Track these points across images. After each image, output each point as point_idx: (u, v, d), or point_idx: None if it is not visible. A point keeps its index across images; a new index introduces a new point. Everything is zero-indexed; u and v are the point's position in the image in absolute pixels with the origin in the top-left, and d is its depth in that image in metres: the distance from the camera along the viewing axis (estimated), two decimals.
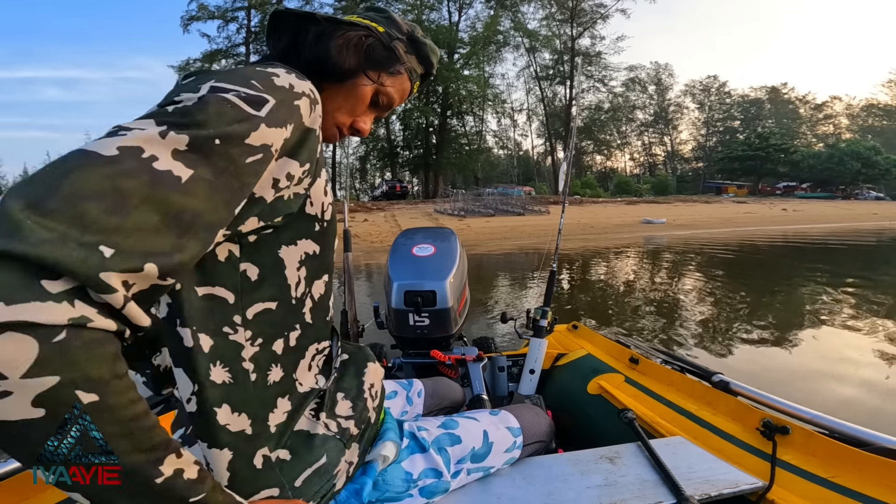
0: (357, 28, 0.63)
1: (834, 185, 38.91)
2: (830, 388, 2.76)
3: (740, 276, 7.22)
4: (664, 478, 0.80)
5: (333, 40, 0.60)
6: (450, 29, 30.28)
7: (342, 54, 0.60)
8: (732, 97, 52.42)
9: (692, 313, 4.77)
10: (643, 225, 17.86)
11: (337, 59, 0.60)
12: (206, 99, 0.42)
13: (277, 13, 0.62)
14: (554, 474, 0.82)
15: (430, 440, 0.73)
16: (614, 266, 8.76)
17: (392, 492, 0.65)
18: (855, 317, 4.40)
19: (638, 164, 53.94)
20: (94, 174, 0.34)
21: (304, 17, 0.61)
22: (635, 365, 1.34)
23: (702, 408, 1.09)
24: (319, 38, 0.60)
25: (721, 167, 43.95)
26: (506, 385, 1.39)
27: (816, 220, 20.24)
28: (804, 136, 52.52)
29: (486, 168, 36.34)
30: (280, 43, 0.61)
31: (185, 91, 0.43)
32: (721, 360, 3.35)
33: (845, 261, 8.79)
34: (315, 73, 0.58)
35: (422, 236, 1.63)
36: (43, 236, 0.31)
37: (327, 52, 0.59)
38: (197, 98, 0.42)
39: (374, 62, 0.63)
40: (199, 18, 28.32)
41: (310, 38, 0.60)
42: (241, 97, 0.43)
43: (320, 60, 0.60)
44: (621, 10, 37.56)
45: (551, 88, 38.59)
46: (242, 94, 0.44)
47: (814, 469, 0.82)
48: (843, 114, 54.47)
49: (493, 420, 0.85)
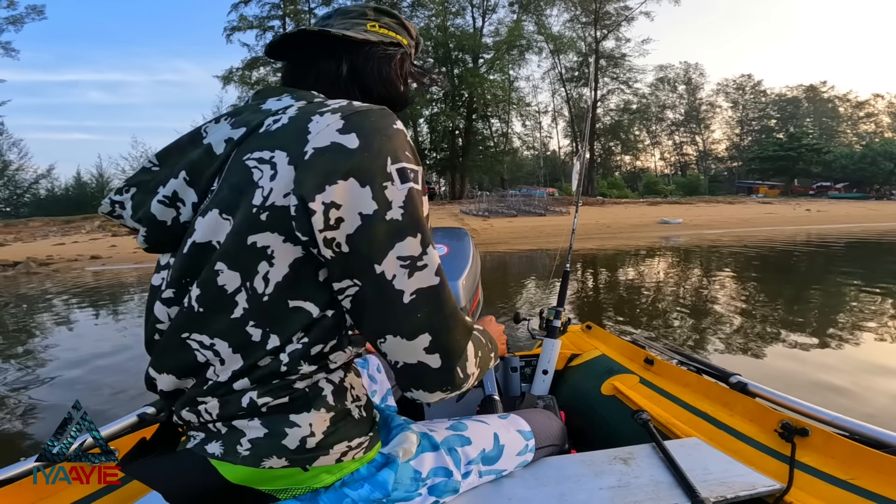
0: (394, 46, 0.66)
1: (869, 186, 37.07)
2: (820, 377, 2.80)
3: (713, 273, 7.73)
4: (679, 479, 0.77)
5: (391, 69, 0.65)
6: (474, 35, 30.22)
7: (397, 84, 0.66)
8: (768, 96, 50.49)
9: (671, 304, 5.21)
10: (659, 225, 17.75)
11: (398, 91, 0.67)
12: (412, 195, 0.50)
13: (308, 33, 0.61)
14: (566, 475, 0.80)
15: (440, 440, 0.71)
16: (613, 263, 9.26)
17: (401, 490, 0.63)
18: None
19: (669, 164, 52.53)
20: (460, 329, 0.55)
21: (343, 39, 0.61)
22: (650, 366, 1.31)
23: (718, 409, 1.05)
24: (380, 66, 0.64)
25: (752, 167, 42.50)
26: (518, 385, 1.37)
27: (838, 220, 19.60)
28: (844, 135, 50.09)
29: (512, 169, 36.14)
30: (324, 64, 0.62)
31: (387, 177, 0.49)
32: (702, 349, 3.45)
33: (834, 261, 8.93)
34: (383, 102, 0.62)
35: (436, 236, 1.62)
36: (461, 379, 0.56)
37: (392, 87, 0.66)
38: (405, 196, 0.49)
39: (406, 76, 0.68)
40: (239, 29, 29.39)
41: (373, 67, 0.64)
42: (418, 178, 0.52)
43: (390, 96, 0.66)
44: (645, 13, 35.82)
45: (576, 90, 38.00)
46: (417, 176, 0.52)
47: (833, 471, 0.79)
48: (884, 112, 51.58)
49: (503, 423, 0.82)
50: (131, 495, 0.80)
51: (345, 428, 0.57)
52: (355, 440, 0.58)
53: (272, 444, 0.53)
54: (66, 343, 4.47)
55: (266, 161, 0.49)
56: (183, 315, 0.53)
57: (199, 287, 0.51)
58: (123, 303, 6.71)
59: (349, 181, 0.47)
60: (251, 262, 0.50)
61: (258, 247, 0.49)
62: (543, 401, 1.26)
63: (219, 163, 0.53)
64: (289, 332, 0.52)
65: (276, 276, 0.50)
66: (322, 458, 0.55)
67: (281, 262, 0.50)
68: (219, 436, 0.55)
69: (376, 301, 0.50)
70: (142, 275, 9.50)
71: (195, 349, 0.53)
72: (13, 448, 2.36)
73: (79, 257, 12.70)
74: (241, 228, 0.49)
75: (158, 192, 0.56)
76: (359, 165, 0.48)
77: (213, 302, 0.51)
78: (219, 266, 0.50)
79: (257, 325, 0.51)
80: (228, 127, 0.54)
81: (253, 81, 29.59)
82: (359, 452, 0.59)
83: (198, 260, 0.52)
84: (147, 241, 0.58)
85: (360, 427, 0.59)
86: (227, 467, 0.53)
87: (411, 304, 0.50)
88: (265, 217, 0.49)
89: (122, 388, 3.04)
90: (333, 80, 0.62)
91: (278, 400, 0.53)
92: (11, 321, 5.75)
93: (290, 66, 0.65)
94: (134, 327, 4.90)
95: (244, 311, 0.51)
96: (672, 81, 45.84)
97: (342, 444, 0.56)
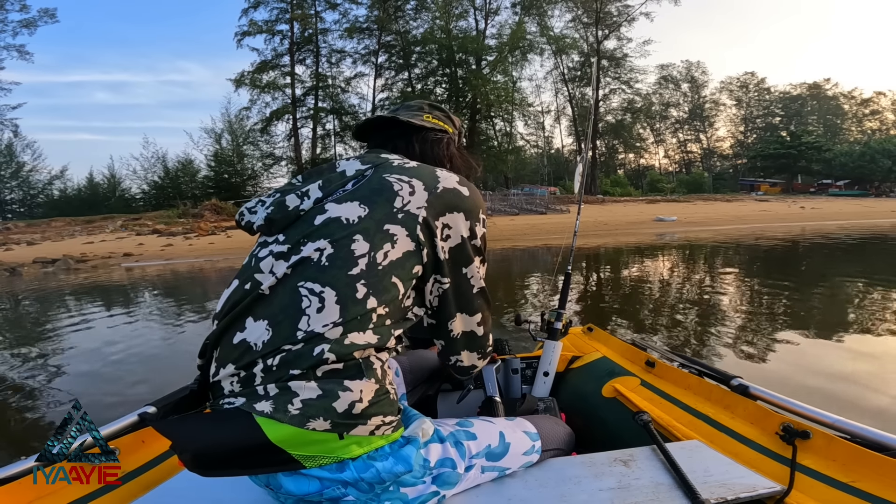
0: (442, 133, 0.88)
1: (868, 183, 36.78)
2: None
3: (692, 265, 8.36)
4: (679, 481, 0.76)
5: (440, 149, 0.88)
6: (477, 37, 30.13)
7: (443, 160, 0.87)
8: (772, 93, 50.01)
9: (647, 297, 5.63)
10: (654, 223, 17.90)
11: (443, 165, 0.85)
12: (485, 233, 0.78)
13: (391, 120, 0.85)
14: (567, 476, 0.80)
15: (446, 434, 0.73)
16: (603, 259, 9.88)
17: (409, 475, 0.66)
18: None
19: (673, 162, 52.21)
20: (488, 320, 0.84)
21: (407, 124, 0.85)
22: (651, 368, 1.30)
23: (719, 412, 1.04)
24: (433, 147, 0.87)
25: (753, 165, 42.22)
26: (519, 387, 1.35)
27: (830, 217, 19.80)
28: (849, 133, 49.52)
29: (516, 167, 35.95)
30: (398, 141, 0.85)
31: (477, 227, 0.77)
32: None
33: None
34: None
35: None
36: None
37: (439, 163, 0.85)
38: (483, 233, 0.78)
39: (451, 156, 0.90)
40: (249, 34, 29.62)
41: (429, 147, 0.86)
42: (486, 223, 0.79)
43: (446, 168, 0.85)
44: (645, 14, 35.40)
45: (579, 89, 37.81)
46: (485, 221, 0.79)
47: (834, 474, 0.78)
48: (889, 109, 50.88)
49: (509, 423, 0.84)
50: (131, 495, 0.80)
51: (384, 403, 0.64)
52: (388, 417, 0.65)
53: (323, 405, 0.60)
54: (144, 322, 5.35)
55: (405, 182, 0.71)
56: (301, 267, 0.66)
57: (332, 246, 0.66)
58: (180, 290, 7.74)
59: (460, 214, 0.74)
60: (381, 240, 0.67)
61: (390, 233, 0.68)
62: (544, 402, 1.25)
63: (347, 179, 0.74)
64: (383, 299, 0.66)
65: (392, 256, 0.68)
66: (360, 427, 0.62)
67: (399, 248, 0.68)
68: (268, 396, 0.60)
69: (457, 291, 0.77)
70: (173, 269, 10.69)
71: (304, 295, 0.64)
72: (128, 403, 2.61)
73: (112, 254, 13.34)
74: (381, 217, 0.68)
75: (297, 191, 0.73)
76: (467, 207, 0.74)
77: (340, 260, 0.65)
78: (356, 237, 0.67)
79: (365, 285, 0.65)
80: (358, 162, 0.77)
81: (263, 84, 29.73)
82: (388, 430, 0.65)
83: (325, 227, 0.68)
84: (266, 219, 0.73)
85: (393, 407, 0.66)
86: (272, 425, 0.58)
87: (476, 294, 0.79)
88: (401, 217, 0.69)
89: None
90: (403, 153, 0.83)
91: (339, 364, 0.62)
92: (92, 307, 6.38)
93: (375, 141, 0.88)
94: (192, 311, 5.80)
95: (361, 271, 0.65)
96: (675, 79, 45.50)
97: (378, 417, 0.63)
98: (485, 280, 0.80)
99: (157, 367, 3.59)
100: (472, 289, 0.78)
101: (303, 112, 31.87)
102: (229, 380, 0.64)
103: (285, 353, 0.62)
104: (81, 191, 33.45)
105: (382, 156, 0.78)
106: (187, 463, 0.60)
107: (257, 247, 0.74)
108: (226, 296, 0.70)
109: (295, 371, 0.61)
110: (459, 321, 0.79)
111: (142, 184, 32.76)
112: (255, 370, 0.62)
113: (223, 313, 0.69)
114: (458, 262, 0.74)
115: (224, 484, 0.80)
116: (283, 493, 0.65)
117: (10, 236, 17.43)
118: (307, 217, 0.71)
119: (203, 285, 8.77)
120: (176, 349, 4.11)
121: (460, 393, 1.24)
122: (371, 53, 32.09)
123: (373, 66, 32.52)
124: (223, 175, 31.79)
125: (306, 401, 0.59)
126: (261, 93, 30.26)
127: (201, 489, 0.79)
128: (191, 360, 0.94)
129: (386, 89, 32.82)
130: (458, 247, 0.74)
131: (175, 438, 0.60)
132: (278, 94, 30.83)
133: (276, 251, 0.69)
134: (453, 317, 0.78)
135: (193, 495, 0.79)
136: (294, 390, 0.60)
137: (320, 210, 0.71)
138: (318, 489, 0.63)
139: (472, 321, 0.80)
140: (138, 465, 0.90)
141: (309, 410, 0.59)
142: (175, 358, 3.83)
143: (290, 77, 30.64)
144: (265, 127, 31.52)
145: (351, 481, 0.63)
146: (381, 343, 0.66)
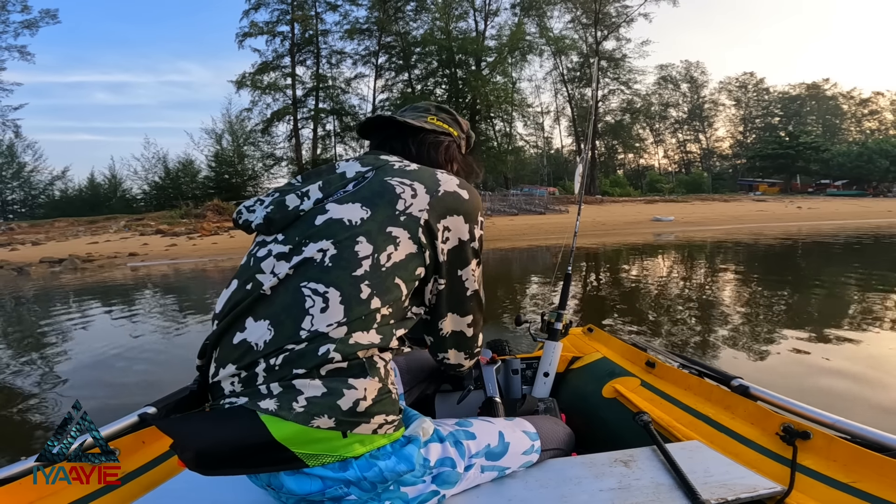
0: (444, 135, 0.87)
1: (866, 183, 36.79)
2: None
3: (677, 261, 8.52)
4: (679, 482, 0.76)
5: (439, 152, 0.86)
6: (476, 38, 30.12)
7: (443, 164, 0.86)
8: (771, 94, 49.95)
9: (640, 293, 5.78)
10: (651, 223, 18.03)
11: (445, 167, 0.86)
12: (482, 236, 0.78)
13: (389, 120, 0.85)
14: (567, 477, 0.79)
15: (446, 434, 0.73)
16: (601, 258, 9.99)
17: (409, 474, 0.66)
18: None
19: (673, 162, 52.12)
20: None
21: (405, 124, 0.84)
22: (651, 368, 1.29)
23: (720, 412, 1.03)
24: (431, 149, 0.85)
25: (752, 165, 42.20)
26: (519, 388, 1.35)
27: (825, 217, 19.88)
28: (848, 133, 49.41)
29: (516, 168, 35.90)
30: (395, 143, 0.84)
31: (477, 230, 0.77)
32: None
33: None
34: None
35: None
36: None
37: (436, 166, 0.82)
38: (480, 236, 0.78)
39: (452, 159, 0.89)
40: (251, 35, 29.71)
41: (426, 150, 0.85)
42: (483, 225, 0.78)
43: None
44: (643, 15, 35.30)
45: (578, 90, 37.79)
46: (483, 224, 0.78)
47: (834, 474, 0.77)
48: (887, 109, 50.71)
49: (509, 423, 0.83)
50: (131, 495, 0.80)
51: (387, 402, 0.65)
52: (391, 416, 0.65)
53: (327, 402, 0.60)
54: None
55: (408, 185, 0.71)
56: (304, 267, 0.66)
57: (335, 247, 0.66)
58: (187, 288, 7.97)
59: (460, 217, 0.74)
60: (384, 242, 0.67)
61: (392, 235, 0.68)
62: (544, 403, 1.24)
63: (347, 180, 0.74)
64: (386, 300, 0.67)
65: (395, 258, 0.68)
66: (363, 425, 0.62)
67: (402, 250, 0.69)
68: (271, 395, 0.60)
69: (452, 292, 0.77)
70: (177, 268, 10.83)
71: (307, 295, 0.64)
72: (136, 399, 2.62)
73: (117, 254, 13.44)
74: (383, 220, 0.68)
75: (297, 191, 0.73)
76: (466, 210, 0.74)
77: (344, 261, 0.65)
78: (359, 238, 0.67)
79: (369, 286, 0.65)
80: (358, 164, 0.76)
81: (264, 86, 29.75)
82: (390, 429, 0.65)
83: (326, 228, 0.68)
84: (265, 218, 0.72)
85: (395, 406, 0.67)
86: (276, 423, 0.58)
87: (469, 296, 0.79)
88: (403, 219, 0.69)
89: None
90: (401, 154, 0.82)
91: (344, 363, 0.62)
92: (101, 305, 6.46)
93: (375, 142, 0.88)
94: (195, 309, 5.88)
95: (365, 272, 0.66)
96: (674, 80, 45.46)
97: (381, 416, 0.63)
98: (481, 282, 0.81)
99: (168, 365, 3.64)
100: (466, 291, 0.78)
101: (303, 113, 31.99)
102: (230, 380, 0.64)
103: (288, 352, 0.62)
104: (82, 191, 33.35)
105: (382, 157, 0.78)
106: (189, 462, 0.59)
107: (255, 247, 0.74)
108: (226, 296, 0.70)
109: (299, 370, 0.61)
110: (450, 321, 0.80)
111: (143, 184, 32.74)
112: (258, 370, 0.62)
113: (223, 313, 0.69)
114: (455, 263, 0.75)
115: (224, 484, 0.79)
116: (285, 493, 0.65)
117: (14, 236, 17.49)
118: (307, 217, 0.70)
119: (213, 285, 8.89)
120: (190, 344, 4.14)
121: (461, 394, 1.23)
122: (371, 54, 32.18)
123: (373, 67, 32.64)
124: (224, 175, 31.73)
125: (311, 398, 0.59)
126: (262, 94, 30.31)
127: (201, 490, 0.79)
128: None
129: (386, 90, 32.94)
130: (457, 249, 0.74)
131: (177, 437, 0.59)
132: (279, 95, 30.94)
133: (277, 252, 0.69)
134: (444, 316, 0.79)
135: (193, 496, 0.79)
136: (298, 388, 0.60)
137: (321, 210, 0.70)
138: (320, 488, 0.63)
139: (462, 322, 0.81)
140: (138, 466, 0.90)
141: (314, 408, 0.59)
142: (190, 352, 3.85)
143: (290, 78, 30.70)
144: (266, 128, 31.59)
145: (354, 480, 0.63)
146: (384, 343, 0.66)
